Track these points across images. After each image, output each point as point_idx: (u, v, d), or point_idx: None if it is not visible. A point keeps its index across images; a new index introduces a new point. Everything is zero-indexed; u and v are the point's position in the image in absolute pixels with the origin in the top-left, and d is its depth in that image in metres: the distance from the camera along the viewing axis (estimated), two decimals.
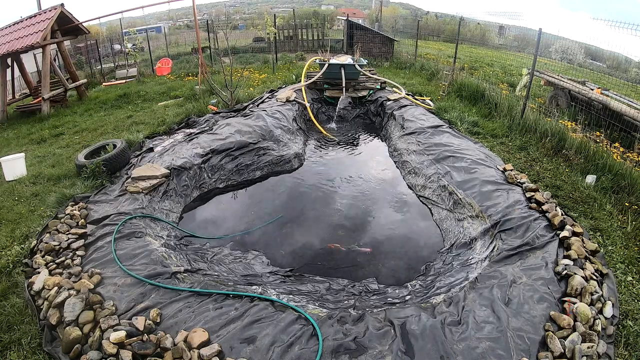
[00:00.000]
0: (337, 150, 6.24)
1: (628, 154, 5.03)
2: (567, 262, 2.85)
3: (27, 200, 4.22)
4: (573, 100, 7.04)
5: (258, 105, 7.16)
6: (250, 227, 4.11)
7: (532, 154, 5.19)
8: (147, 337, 2.27)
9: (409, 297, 3.00)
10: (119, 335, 2.21)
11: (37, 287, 2.73)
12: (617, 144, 5.37)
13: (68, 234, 3.36)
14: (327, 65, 7.77)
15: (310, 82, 7.90)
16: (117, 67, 14.37)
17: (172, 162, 4.70)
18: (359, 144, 6.60)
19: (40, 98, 8.74)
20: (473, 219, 3.80)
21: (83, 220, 3.59)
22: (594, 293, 2.59)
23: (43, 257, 3.09)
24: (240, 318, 2.46)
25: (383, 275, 3.39)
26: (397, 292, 3.10)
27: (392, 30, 17.28)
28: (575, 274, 2.69)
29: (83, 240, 3.28)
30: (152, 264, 2.94)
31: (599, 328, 2.38)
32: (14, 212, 3.97)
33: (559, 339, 2.25)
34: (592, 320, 2.40)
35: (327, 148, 6.33)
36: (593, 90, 6.79)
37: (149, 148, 5.37)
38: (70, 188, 4.34)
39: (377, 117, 7.56)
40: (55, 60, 11.55)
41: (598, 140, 5.28)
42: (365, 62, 8.66)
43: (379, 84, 8.11)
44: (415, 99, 7.43)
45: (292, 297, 2.92)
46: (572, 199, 4.02)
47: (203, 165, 4.90)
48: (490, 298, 2.58)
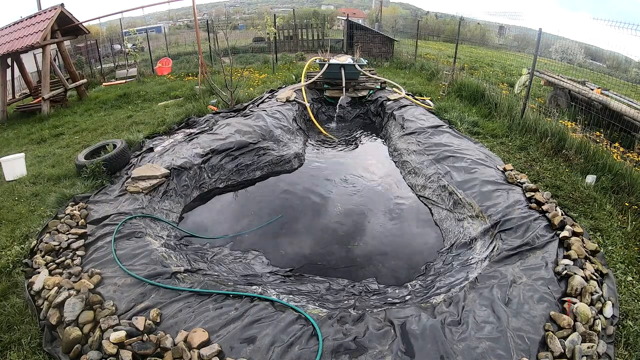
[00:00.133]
0: (337, 150, 6.24)
1: (628, 154, 5.03)
2: (567, 262, 2.85)
3: (27, 200, 4.22)
4: (573, 100, 7.04)
5: (258, 105, 7.16)
6: (250, 227, 4.11)
7: (532, 154, 5.19)
8: (147, 337, 2.27)
9: (409, 297, 3.00)
10: (119, 335, 2.22)
11: (37, 287, 2.73)
12: (617, 144, 5.37)
13: (68, 234, 3.37)
14: (327, 65, 7.77)
15: (310, 82, 7.89)
16: (117, 67, 14.37)
17: (172, 162, 4.71)
18: (359, 144, 6.60)
19: (40, 98, 8.74)
20: (473, 219, 3.80)
21: (83, 220, 3.59)
22: (594, 293, 2.59)
23: (43, 257, 3.09)
24: (240, 318, 2.46)
25: (383, 275, 3.39)
26: (397, 292, 3.11)
27: (392, 30, 17.27)
28: (575, 274, 2.69)
29: (83, 240, 3.28)
30: (152, 264, 2.94)
31: (599, 328, 2.38)
32: (14, 212, 3.97)
33: (559, 339, 2.25)
34: (592, 320, 2.40)
35: (327, 148, 6.33)
36: (593, 90, 6.78)
37: (149, 148, 5.37)
38: (70, 188, 4.35)
39: (377, 117, 7.56)
40: (55, 60, 11.55)
41: (598, 140, 5.29)
42: (365, 62, 8.65)
43: (379, 84, 8.11)
44: (415, 99, 7.43)
45: (292, 297, 2.93)
46: (572, 199, 4.02)
47: (203, 165, 4.91)
48: (490, 298, 2.59)
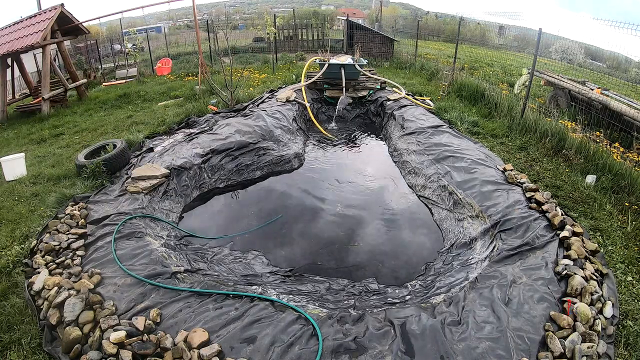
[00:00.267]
0: (336, 150, 6.24)
1: (628, 154, 5.03)
2: (567, 262, 2.85)
3: (27, 200, 4.22)
4: (573, 100, 7.04)
5: (258, 105, 7.16)
6: (250, 227, 4.11)
7: (532, 154, 5.19)
8: (147, 337, 2.27)
9: (409, 297, 3.00)
10: (119, 335, 2.22)
11: (37, 287, 2.73)
12: (617, 144, 5.37)
13: (68, 234, 3.37)
14: (327, 65, 7.77)
15: (310, 82, 7.89)
16: (117, 67, 14.38)
17: (172, 162, 4.71)
18: (359, 144, 6.60)
19: (40, 98, 8.74)
20: (473, 219, 3.80)
21: (83, 220, 3.59)
22: (594, 293, 2.59)
23: (43, 257, 3.09)
24: (240, 318, 2.46)
25: (383, 275, 3.39)
26: (397, 292, 3.11)
27: (392, 30, 17.27)
28: (575, 274, 2.69)
29: (83, 240, 3.28)
30: (152, 264, 2.94)
31: (599, 328, 2.38)
32: (14, 212, 3.97)
33: (559, 339, 2.25)
34: (592, 320, 2.40)
35: (327, 148, 6.33)
36: (593, 90, 6.78)
37: (149, 148, 5.37)
38: (70, 188, 4.35)
39: (377, 117, 7.56)
40: (55, 60, 11.55)
41: (598, 140, 5.28)
42: (365, 62, 8.65)
43: (379, 84, 8.11)
44: (415, 99, 7.43)
45: (292, 297, 2.93)
46: (572, 199, 4.02)
47: (203, 165, 4.91)
48: (490, 298, 2.59)
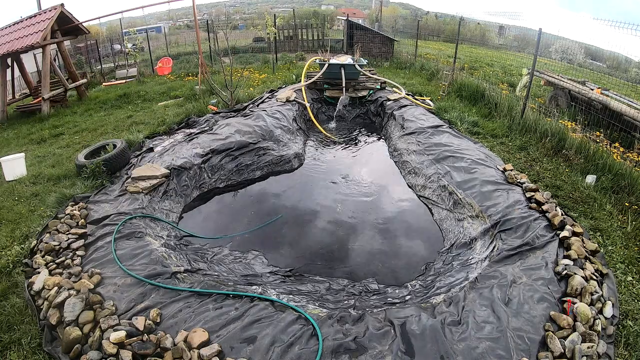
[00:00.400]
0: (337, 150, 6.24)
1: (628, 154, 5.03)
2: (567, 262, 2.85)
3: (27, 200, 4.22)
4: (573, 100, 7.04)
5: (258, 105, 7.16)
6: (250, 226, 4.11)
7: (532, 154, 5.19)
8: (147, 337, 2.27)
9: (409, 297, 3.00)
10: (119, 335, 2.22)
11: (37, 287, 2.73)
12: (617, 144, 5.37)
13: (68, 234, 3.37)
14: (327, 65, 7.77)
15: (310, 82, 7.89)
16: (117, 67, 14.37)
17: (172, 162, 4.71)
18: (359, 144, 6.59)
19: (40, 98, 8.74)
20: (473, 219, 3.80)
21: (83, 220, 3.59)
22: (594, 293, 2.59)
23: (43, 257, 3.09)
24: (240, 318, 2.46)
25: (383, 275, 3.39)
26: (397, 292, 3.11)
27: (392, 30, 17.28)
28: (575, 274, 2.69)
29: (83, 240, 3.28)
30: (152, 264, 2.94)
31: (599, 328, 2.38)
32: (14, 212, 3.97)
33: (559, 339, 2.25)
34: (592, 320, 2.40)
35: (327, 148, 6.33)
36: (593, 90, 6.78)
37: (149, 148, 5.37)
38: (70, 188, 4.35)
39: (377, 117, 7.55)
40: (55, 60, 11.55)
41: (598, 140, 5.28)
42: (365, 62, 8.65)
43: (379, 84, 8.11)
44: (415, 99, 7.43)
45: (292, 297, 2.93)
46: (572, 199, 4.02)
47: (203, 165, 4.91)
48: (490, 298, 2.59)
